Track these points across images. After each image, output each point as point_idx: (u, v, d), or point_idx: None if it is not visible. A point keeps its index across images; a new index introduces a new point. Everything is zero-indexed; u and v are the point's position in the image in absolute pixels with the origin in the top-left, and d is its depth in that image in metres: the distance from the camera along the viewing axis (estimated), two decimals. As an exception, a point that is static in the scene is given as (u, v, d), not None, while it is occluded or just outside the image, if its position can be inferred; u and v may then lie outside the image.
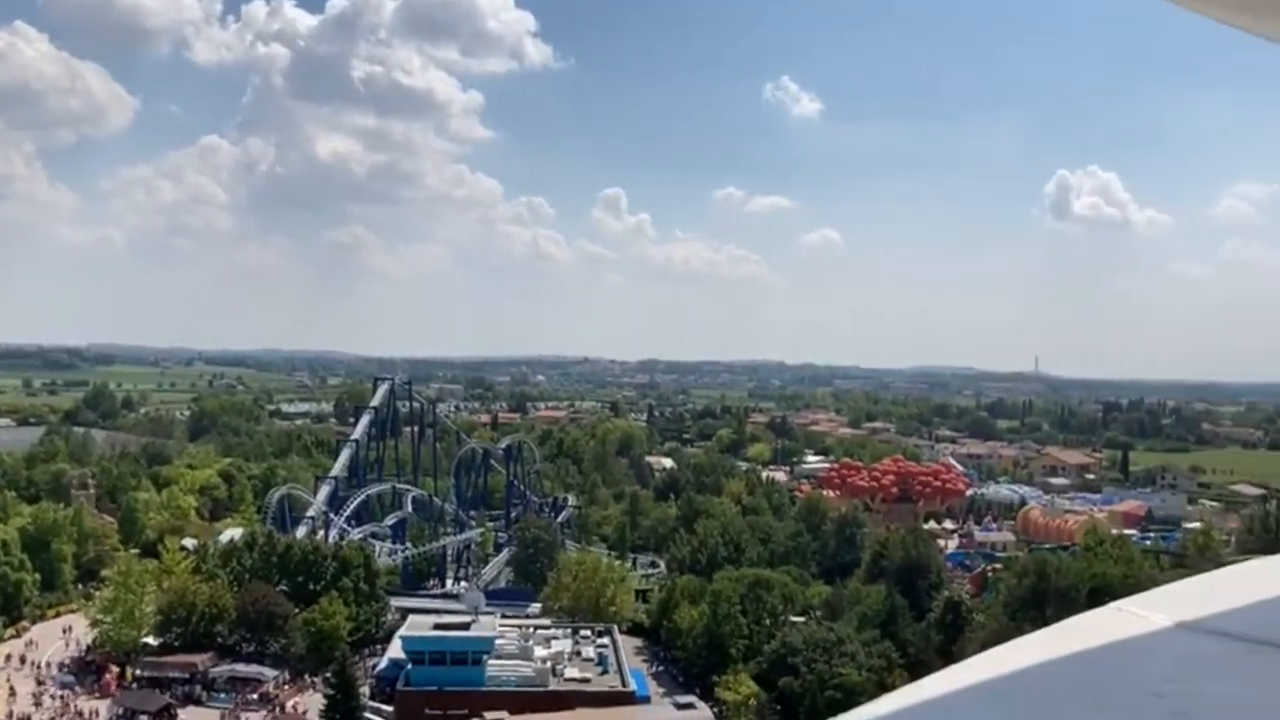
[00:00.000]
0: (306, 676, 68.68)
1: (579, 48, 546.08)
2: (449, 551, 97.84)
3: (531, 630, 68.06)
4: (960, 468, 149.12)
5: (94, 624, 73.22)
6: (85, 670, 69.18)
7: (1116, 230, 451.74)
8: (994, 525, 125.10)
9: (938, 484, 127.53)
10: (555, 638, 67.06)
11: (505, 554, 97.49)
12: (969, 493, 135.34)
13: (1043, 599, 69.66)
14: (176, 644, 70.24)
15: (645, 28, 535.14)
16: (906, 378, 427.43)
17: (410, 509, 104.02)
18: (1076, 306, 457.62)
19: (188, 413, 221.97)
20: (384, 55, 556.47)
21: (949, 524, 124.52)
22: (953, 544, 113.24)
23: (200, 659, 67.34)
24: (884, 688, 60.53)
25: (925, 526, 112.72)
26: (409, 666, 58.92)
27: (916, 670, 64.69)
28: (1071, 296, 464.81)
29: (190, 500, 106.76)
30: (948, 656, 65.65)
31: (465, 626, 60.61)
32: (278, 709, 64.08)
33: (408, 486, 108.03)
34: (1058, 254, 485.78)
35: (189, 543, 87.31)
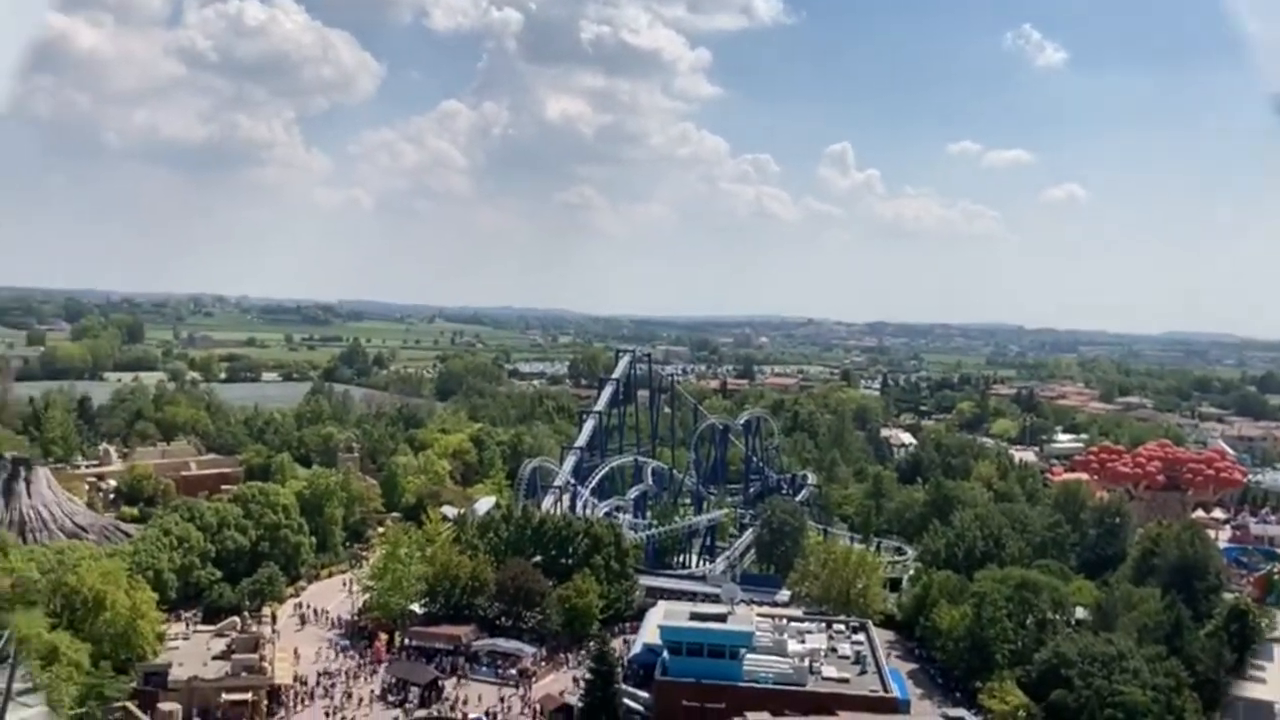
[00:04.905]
0: (561, 654, 70.12)
1: (810, 1, 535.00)
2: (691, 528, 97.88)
3: (785, 623, 66.66)
4: (1232, 453, 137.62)
5: (364, 589, 77.46)
6: (357, 634, 72.96)
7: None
8: (1272, 518, 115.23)
9: (1210, 472, 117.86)
10: (809, 632, 65.36)
11: (749, 535, 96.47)
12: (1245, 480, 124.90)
13: (1353, 615, 62.95)
14: (439, 614, 73.23)
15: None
16: (1158, 345, 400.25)
17: (650, 481, 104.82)
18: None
19: (434, 370, 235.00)
20: (612, 15, 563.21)
21: (1219, 514, 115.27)
22: (1224, 537, 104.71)
23: (464, 631, 69.80)
24: (1171, 710, 56.05)
25: (1193, 517, 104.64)
26: (665, 655, 58.62)
27: (1206, 691, 59.45)
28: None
29: (444, 465, 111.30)
30: (1243, 677, 60.09)
31: (722, 618, 59.88)
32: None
33: (647, 459, 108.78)
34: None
35: (448, 510, 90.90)
